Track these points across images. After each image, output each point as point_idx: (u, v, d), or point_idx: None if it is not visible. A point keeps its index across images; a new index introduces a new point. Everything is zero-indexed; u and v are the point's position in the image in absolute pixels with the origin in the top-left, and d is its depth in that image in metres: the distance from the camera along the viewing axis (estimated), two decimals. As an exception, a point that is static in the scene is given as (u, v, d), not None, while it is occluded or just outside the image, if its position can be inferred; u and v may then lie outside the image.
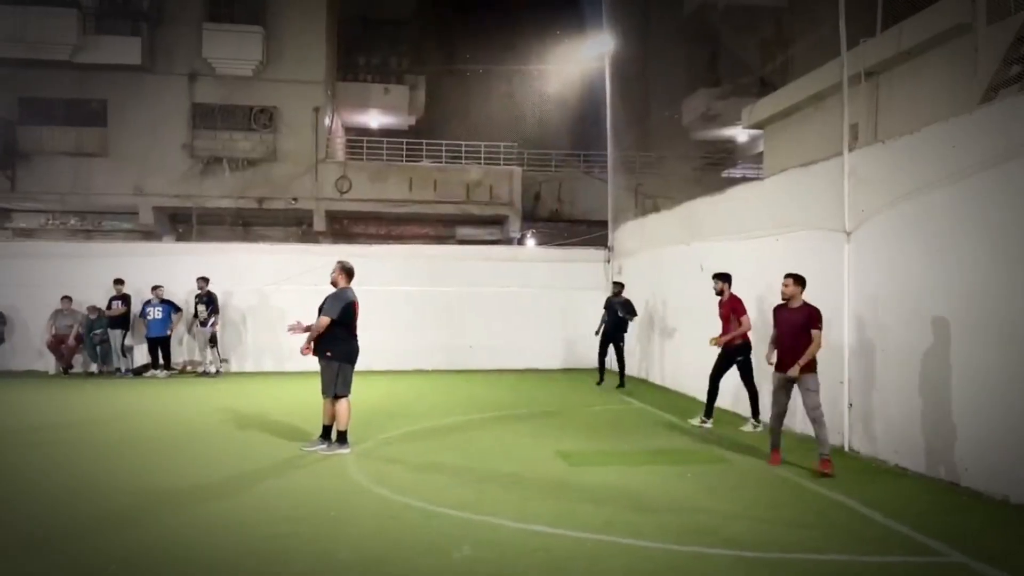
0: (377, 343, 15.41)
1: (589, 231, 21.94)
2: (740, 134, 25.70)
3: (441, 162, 24.19)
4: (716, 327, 10.01)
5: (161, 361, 15.30)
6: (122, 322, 15.33)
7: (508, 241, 23.69)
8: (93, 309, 15.32)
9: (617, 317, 13.62)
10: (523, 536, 5.31)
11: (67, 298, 15.45)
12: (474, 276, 16.91)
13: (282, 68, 22.47)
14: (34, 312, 15.66)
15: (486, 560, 4.84)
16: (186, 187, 21.96)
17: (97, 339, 15.35)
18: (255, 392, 13.05)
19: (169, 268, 16.05)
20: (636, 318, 13.90)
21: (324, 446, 8.05)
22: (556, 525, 5.52)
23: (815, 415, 7.30)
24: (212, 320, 15.34)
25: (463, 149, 24.33)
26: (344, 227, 24.71)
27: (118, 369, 15.35)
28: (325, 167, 22.86)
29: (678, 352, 13.26)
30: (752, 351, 9.54)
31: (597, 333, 13.97)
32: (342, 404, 8.06)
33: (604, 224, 18.45)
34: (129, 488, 6.57)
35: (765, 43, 23.21)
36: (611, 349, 13.75)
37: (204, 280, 15.37)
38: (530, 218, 24.47)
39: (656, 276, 14.14)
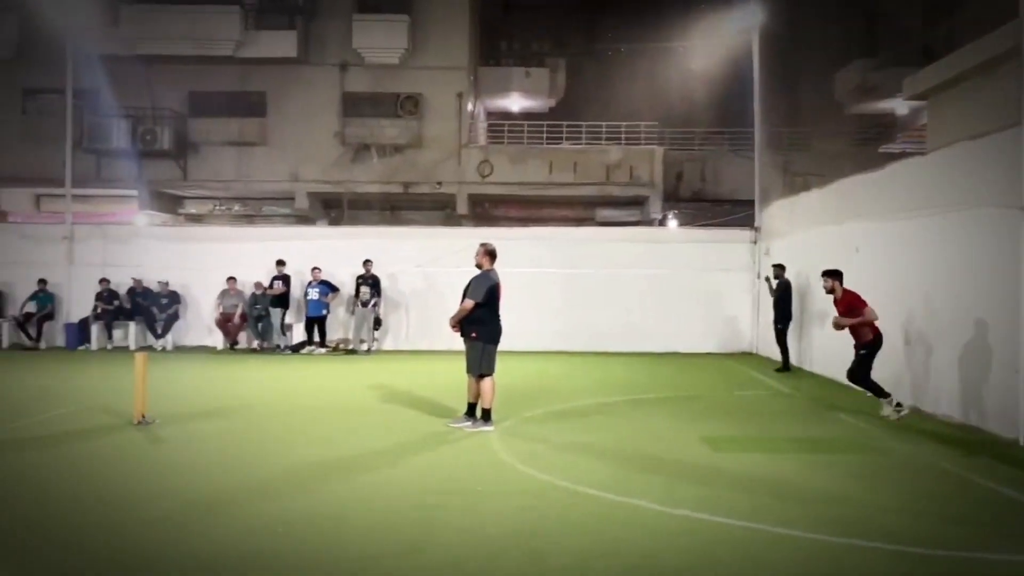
0: (519, 324, 15.62)
1: (734, 211, 21.29)
2: (900, 107, 24.10)
3: (581, 144, 24.11)
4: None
5: (317, 338, 16.16)
6: (282, 301, 16.31)
7: (649, 222, 23.35)
8: (259, 285, 16.38)
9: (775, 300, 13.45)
10: (667, 519, 5.27)
11: (232, 279, 16.59)
12: (615, 258, 16.81)
13: (427, 55, 23.03)
14: (204, 292, 16.94)
15: (629, 541, 4.83)
16: (337, 173, 22.97)
17: (257, 314, 16.40)
18: (404, 370, 13.57)
19: (323, 251, 16.92)
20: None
21: (469, 423, 8.27)
22: (700, 510, 5.43)
23: None
24: (374, 301, 16.07)
25: (603, 130, 24.13)
26: (486, 210, 25.13)
27: (278, 346, 16.35)
28: (467, 151, 23.30)
29: (828, 338, 12.67)
30: (881, 346, 8.79)
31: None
32: (486, 383, 8.25)
33: (750, 204, 17.85)
34: (291, 457, 7.00)
35: (928, 8, 21.61)
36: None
37: (368, 262, 16.12)
38: (672, 198, 23.99)
39: (806, 258, 13.54)
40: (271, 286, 16.28)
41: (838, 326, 8.88)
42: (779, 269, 13.68)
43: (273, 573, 4.24)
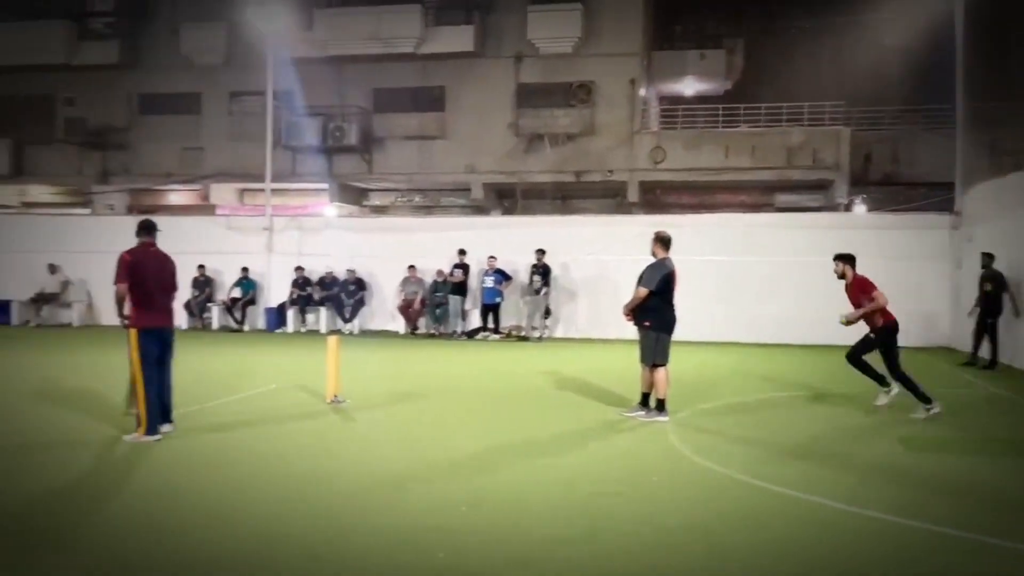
0: (692, 314, 15.34)
1: (930, 195, 19.73)
2: None
3: (759, 126, 23.16)
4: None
5: (491, 325, 16.61)
6: (461, 288, 16.88)
7: (834, 208, 22.08)
8: (439, 273, 17.06)
9: (985, 293, 12.32)
10: (854, 520, 4.98)
11: (412, 267, 17.36)
12: (795, 245, 16.05)
13: (600, 43, 22.94)
14: (387, 279, 17.85)
15: (813, 540, 4.61)
16: (511, 164, 23.42)
17: (436, 301, 17.08)
18: (577, 358, 13.67)
19: (497, 240, 17.34)
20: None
21: (643, 413, 8.21)
22: (892, 512, 5.08)
23: None
24: (545, 290, 16.33)
25: (784, 111, 23.04)
26: (657, 197, 24.76)
27: (455, 331, 16.95)
28: (640, 138, 23.03)
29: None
30: (898, 332, 8.50)
31: (969, 314, 12.70)
32: (660, 373, 8.14)
33: (949, 187, 16.47)
34: (471, 439, 7.25)
35: None
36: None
37: (541, 252, 16.39)
38: (859, 182, 22.55)
39: (1018, 246, 12.32)
40: (451, 274, 16.89)
41: (848, 322, 8.57)
42: (988, 258, 12.50)
43: (457, 550, 4.41)
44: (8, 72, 25.00)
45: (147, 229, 7.25)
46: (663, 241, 8.27)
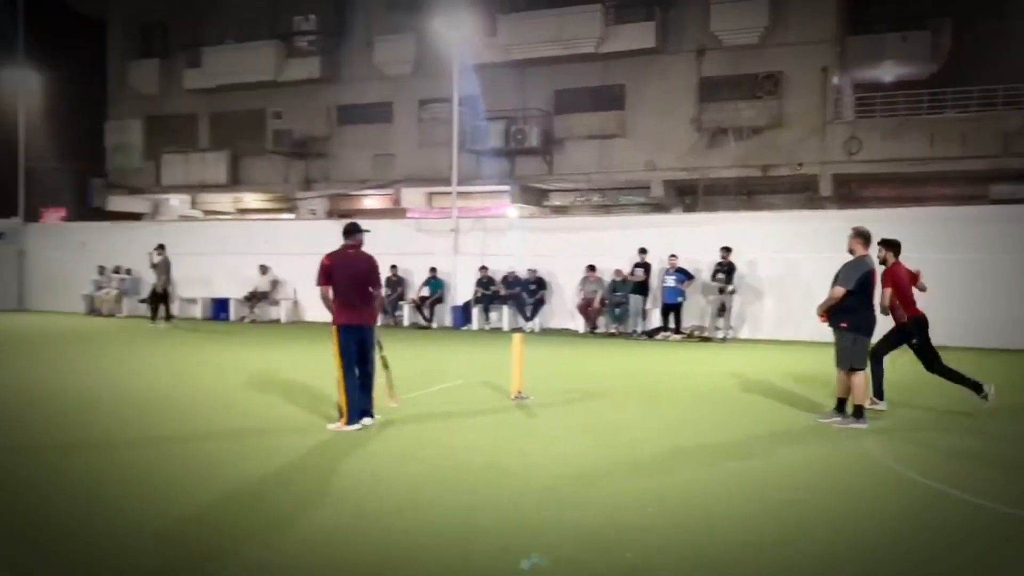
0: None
1: None
2: None
3: (970, 111, 21.22)
4: None
5: (672, 325, 16.34)
6: (642, 288, 16.74)
7: (1059, 199, 19.82)
8: (618, 272, 17.01)
9: None
10: (1094, 548, 4.47)
11: (591, 266, 17.41)
12: (1013, 241, 14.56)
13: (788, 31, 21.94)
14: (567, 278, 18.02)
15: (1044, 567, 4.19)
16: (692, 160, 22.91)
17: (616, 300, 17.03)
18: (763, 359, 13.16)
19: (678, 238, 17.01)
20: None
21: (839, 419, 7.77)
22: None
23: None
24: (730, 289, 15.87)
25: (1000, 93, 20.94)
26: (852, 191, 23.31)
27: (634, 331, 16.82)
28: (832, 128, 21.80)
29: None
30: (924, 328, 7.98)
31: None
32: (858, 377, 7.67)
33: None
34: (653, 438, 7.17)
35: None
36: None
37: (727, 250, 15.94)
38: (1091, 170, 20.12)
39: None
40: (632, 273, 16.78)
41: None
42: None
43: (644, 550, 4.38)
44: (227, 91, 27.65)
45: (347, 232, 7.70)
46: (863, 237, 7.79)
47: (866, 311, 7.68)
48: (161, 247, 18.40)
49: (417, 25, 23.82)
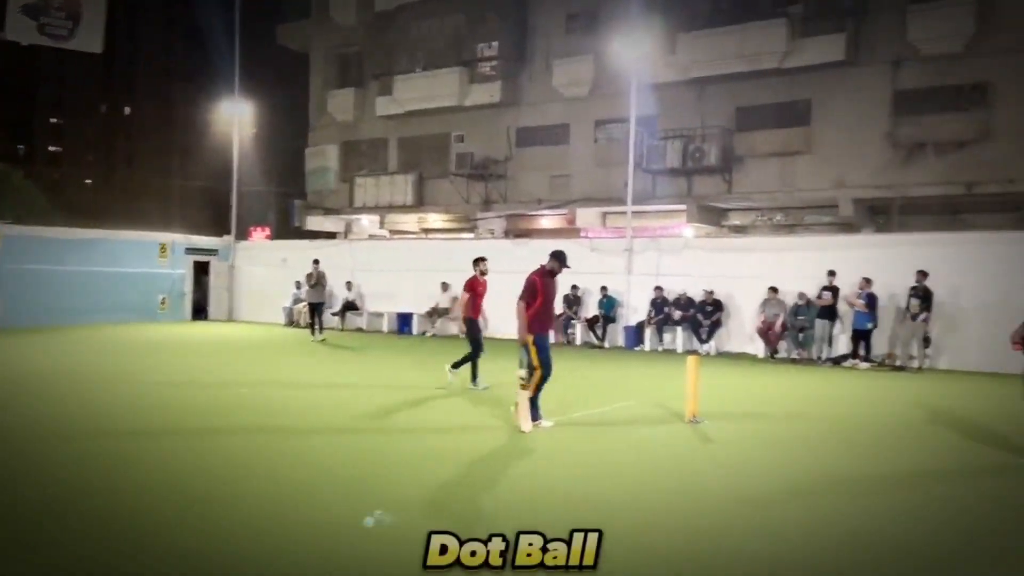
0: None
1: None
2: None
3: None
4: None
5: (862, 352, 15.36)
6: (830, 312, 15.86)
7: None
8: (802, 296, 16.25)
9: None
10: None
11: (773, 288, 16.72)
12: None
13: (999, 35, 20.11)
14: (746, 300, 17.41)
15: None
16: (886, 177, 21.50)
17: (800, 324, 16.25)
18: (961, 393, 12.11)
19: (869, 260, 16.00)
20: None
21: None
22: None
23: None
24: (924, 316, 14.76)
25: None
26: (1077, 209, 20.98)
27: (819, 357, 15.96)
28: (1050, 141, 19.75)
29: None
30: None
31: None
32: None
33: None
34: (842, 468, 6.79)
35: None
36: None
37: (923, 273, 14.85)
38: None
39: None
40: (819, 296, 15.97)
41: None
42: None
43: (825, 586, 4.17)
44: (414, 116, 29.14)
45: (562, 260, 8.49)
46: None
47: None
48: (316, 262, 19.07)
49: (595, 47, 24.03)
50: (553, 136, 27.17)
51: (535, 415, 8.10)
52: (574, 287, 19.03)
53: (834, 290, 15.84)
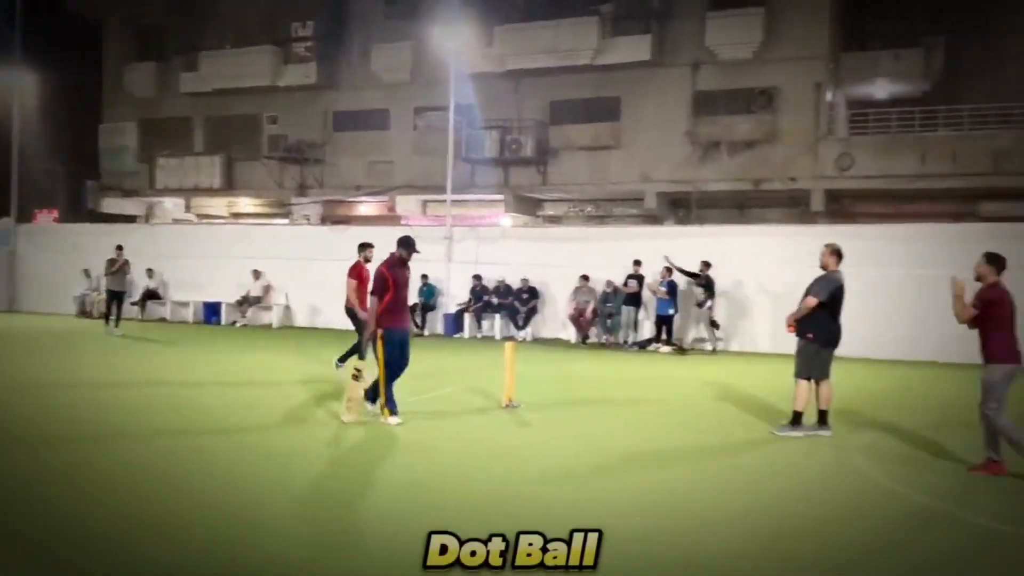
0: (879, 330, 14.45)
1: None
2: None
3: (961, 130, 21.41)
4: None
5: (663, 337, 16.39)
6: (635, 299, 16.78)
7: (1047, 218, 19.99)
8: (610, 284, 17.07)
9: None
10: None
11: (584, 277, 17.45)
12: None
13: (783, 46, 22.08)
14: (560, 288, 18.06)
15: (1028, 581, 4.23)
16: (686, 172, 23.01)
17: (608, 311, 17.08)
18: (753, 372, 13.23)
19: (672, 250, 17.05)
20: None
21: (798, 431, 7.84)
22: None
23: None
24: (708, 304, 15.94)
25: (991, 112, 21.15)
26: (843, 207, 23.46)
27: (625, 341, 16.86)
28: (825, 144, 21.95)
29: None
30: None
31: None
32: (824, 388, 7.89)
33: None
34: (645, 446, 7.23)
35: None
36: None
37: (706, 264, 16.03)
38: (1089, 189, 20.30)
39: None
40: (625, 284, 16.83)
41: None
42: None
43: (628, 556, 4.42)
44: (223, 95, 27.65)
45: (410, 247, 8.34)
46: (836, 253, 8.03)
47: (833, 325, 7.85)
48: (119, 248, 17.63)
49: (414, 33, 23.91)
50: (372, 121, 26.76)
51: (392, 407, 7.94)
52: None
53: (639, 278, 16.76)
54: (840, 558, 4.52)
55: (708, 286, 16.00)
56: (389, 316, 7.99)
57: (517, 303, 18.16)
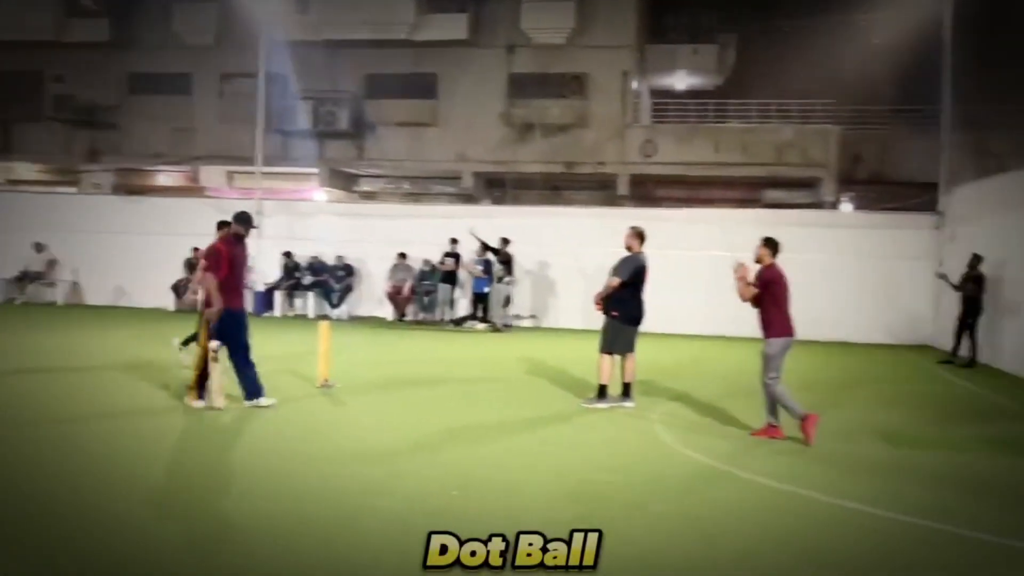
0: (678, 307, 15.52)
1: (915, 195, 19.92)
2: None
3: (750, 122, 23.30)
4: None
5: (479, 314, 16.67)
6: (451, 277, 16.91)
7: (820, 205, 22.25)
8: (426, 262, 17.09)
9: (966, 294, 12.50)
10: (840, 513, 5.12)
11: (402, 254, 17.39)
12: (783, 242, 16.17)
13: (594, 34, 22.94)
14: (377, 265, 17.87)
15: (799, 532, 4.73)
16: (502, 153, 23.42)
17: (425, 288, 17.13)
18: (560, 347, 13.77)
19: (488, 229, 17.34)
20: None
21: (603, 402, 8.30)
22: (877, 505, 5.22)
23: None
24: (507, 279, 16.18)
25: (775, 108, 23.18)
26: (648, 191, 24.85)
27: (442, 319, 17.00)
28: (631, 131, 23.10)
29: (1021, 332, 11.71)
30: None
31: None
32: (629, 361, 8.40)
33: (934, 187, 16.68)
34: (460, 423, 7.34)
35: None
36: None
37: (504, 241, 16.29)
38: (847, 180, 22.73)
39: (999, 246, 12.52)
40: (442, 262, 16.92)
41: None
42: (975, 259, 12.60)
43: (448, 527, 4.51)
44: (-4, 47, 24.75)
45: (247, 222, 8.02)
46: (639, 236, 8.56)
47: (635, 303, 8.38)
48: None
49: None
50: (174, 86, 24.94)
51: (255, 392, 7.75)
52: (195, 249, 17.81)
53: (456, 257, 16.93)
54: (635, 517, 4.86)
55: (507, 262, 16.18)
56: (226, 295, 7.64)
57: (332, 280, 17.77)
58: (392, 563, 4.06)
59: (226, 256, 7.68)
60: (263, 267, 18.37)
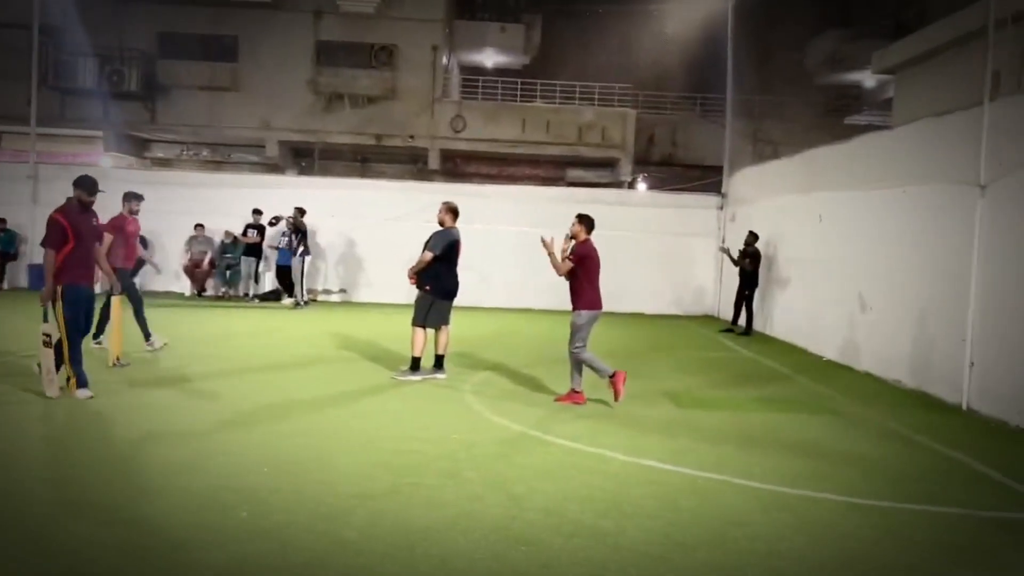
0: (486, 281, 15.91)
1: (703, 176, 21.59)
2: (867, 79, 24.45)
3: (555, 103, 24.13)
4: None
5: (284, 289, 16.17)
6: (255, 249, 16.24)
7: (619, 184, 23.56)
8: (228, 234, 16.30)
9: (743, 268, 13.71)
10: (635, 469, 5.56)
11: (200, 225, 16.49)
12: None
13: (404, 6, 22.73)
14: (172, 237, 16.80)
15: (600, 488, 5.11)
16: (309, 122, 22.74)
17: (227, 262, 16.36)
18: (372, 321, 13.72)
19: (293, 200, 16.81)
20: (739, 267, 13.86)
21: (417, 375, 8.45)
22: (667, 461, 5.73)
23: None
24: (300, 251, 15.41)
25: (577, 90, 24.16)
26: (457, 166, 25.11)
27: (246, 294, 16.34)
28: (441, 106, 23.19)
29: (791, 303, 13.11)
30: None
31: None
32: (441, 335, 8.57)
33: (719, 170, 18.14)
34: (267, 399, 7.17)
35: (904, -19, 21.86)
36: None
37: (300, 211, 15.64)
38: (643, 162, 24.20)
39: (772, 225, 13.90)
40: (245, 234, 16.21)
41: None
42: (752, 236, 13.88)
43: (260, 509, 4.43)
44: None
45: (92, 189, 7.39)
46: (452, 211, 8.70)
47: (449, 278, 8.57)
48: None
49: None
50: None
51: (81, 381, 6.96)
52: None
53: (260, 228, 16.28)
54: (448, 483, 5.03)
55: (300, 232, 15.41)
56: (70, 271, 6.95)
57: (121, 253, 16.50)
58: (203, 539, 3.95)
59: (69, 228, 6.95)
60: (39, 238, 16.70)
